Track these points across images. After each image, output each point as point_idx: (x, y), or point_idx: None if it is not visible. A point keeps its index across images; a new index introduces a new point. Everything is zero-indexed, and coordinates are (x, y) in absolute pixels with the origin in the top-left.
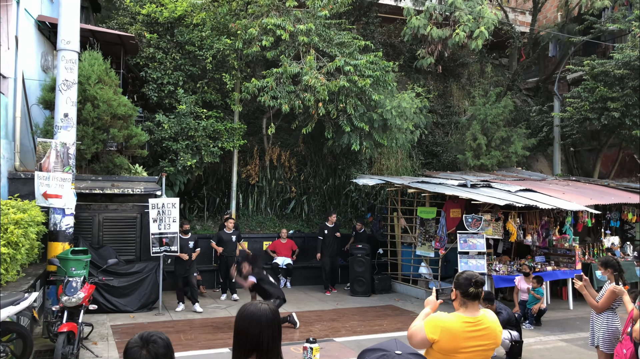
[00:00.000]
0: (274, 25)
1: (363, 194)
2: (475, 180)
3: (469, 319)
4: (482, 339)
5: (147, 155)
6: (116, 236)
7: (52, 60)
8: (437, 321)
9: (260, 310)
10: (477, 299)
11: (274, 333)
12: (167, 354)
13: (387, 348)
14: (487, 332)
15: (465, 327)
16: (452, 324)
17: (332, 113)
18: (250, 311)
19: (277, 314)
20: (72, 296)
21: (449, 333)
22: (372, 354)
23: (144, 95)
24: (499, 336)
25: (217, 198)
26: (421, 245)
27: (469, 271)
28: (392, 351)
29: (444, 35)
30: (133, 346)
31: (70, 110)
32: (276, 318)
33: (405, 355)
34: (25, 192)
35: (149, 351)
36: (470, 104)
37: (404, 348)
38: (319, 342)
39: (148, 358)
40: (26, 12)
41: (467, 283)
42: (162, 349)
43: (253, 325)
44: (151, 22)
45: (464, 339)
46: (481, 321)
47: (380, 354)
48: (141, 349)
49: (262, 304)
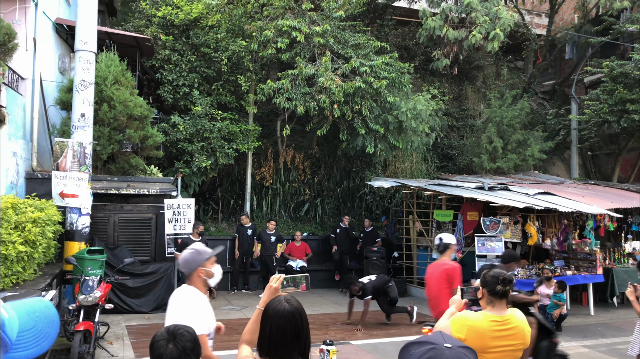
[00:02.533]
0: (290, 27)
1: (377, 197)
2: (493, 182)
3: (496, 318)
4: (510, 339)
5: (163, 157)
6: (131, 237)
7: (69, 62)
8: (464, 319)
9: (275, 307)
10: (505, 297)
11: (285, 334)
12: (194, 349)
13: (435, 341)
14: (516, 332)
15: (493, 326)
16: (479, 323)
17: (347, 115)
18: (272, 308)
19: (296, 314)
20: (88, 295)
21: (476, 332)
22: (418, 347)
23: (160, 97)
24: (528, 336)
25: (232, 200)
26: None
27: (496, 269)
28: (441, 345)
29: (460, 36)
30: (159, 340)
31: (87, 110)
32: (293, 317)
33: (455, 348)
34: (43, 192)
35: (175, 345)
36: (485, 107)
37: (452, 341)
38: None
39: (174, 352)
40: (44, 14)
41: (495, 281)
42: (189, 344)
43: (268, 322)
44: (167, 25)
45: (491, 338)
46: (509, 320)
47: (429, 347)
48: (167, 343)
49: (284, 302)
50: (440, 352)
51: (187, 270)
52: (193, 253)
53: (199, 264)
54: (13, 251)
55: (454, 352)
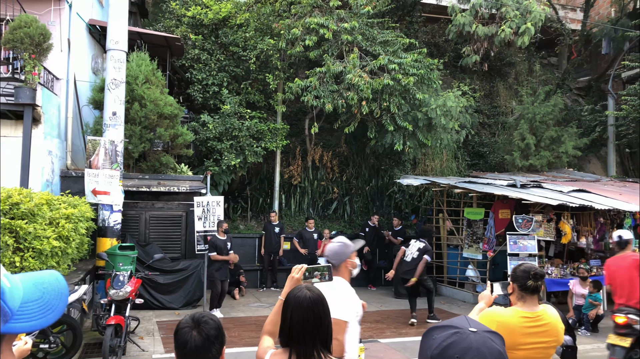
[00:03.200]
0: (317, 25)
1: (407, 195)
2: (525, 180)
3: (527, 314)
4: (542, 335)
5: (193, 155)
6: (162, 234)
7: (101, 62)
8: (493, 315)
9: (297, 295)
10: (537, 292)
11: (308, 321)
12: (218, 336)
13: (459, 324)
14: (548, 328)
15: (524, 322)
16: (509, 319)
17: (375, 113)
18: (292, 295)
19: (318, 302)
20: (119, 289)
21: (506, 328)
22: (442, 331)
23: (190, 96)
24: (561, 334)
25: (260, 198)
26: (468, 247)
27: (527, 263)
28: (466, 328)
29: (490, 32)
30: (184, 327)
31: (118, 109)
32: (315, 305)
33: (480, 333)
34: (76, 190)
35: (199, 332)
36: (517, 104)
37: (476, 325)
38: (363, 342)
39: (199, 339)
40: (78, 16)
41: (526, 276)
42: (213, 331)
43: (290, 309)
44: (196, 24)
45: (522, 335)
46: (541, 316)
47: (453, 331)
48: (192, 330)
49: (305, 290)
50: (465, 336)
51: (336, 261)
52: (342, 246)
53: (347, 256)
54: (47, 246)
55: (479, 336)
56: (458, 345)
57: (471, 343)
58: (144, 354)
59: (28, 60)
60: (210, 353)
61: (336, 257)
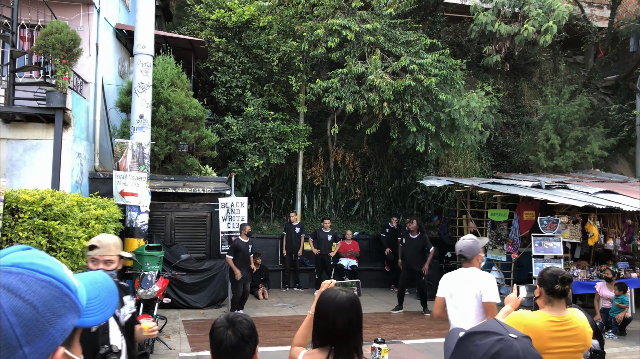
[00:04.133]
0: (340, 26)
1: (430, 196)
2: (550, 181)
3: (554, 318)
4: (570, 340)
5: (217, 157)
6: (187, 235)
7: (127, 66)
8: (520, 318)
9: (337, 297)
10: (564, 297)
11: (350, 322)
12: (251, 336)
13: (498, 330)
14: (576, 333)
15: (551, 326)
16: (536, 322)
17: (397, 113)
18: (327, 297)
19: (356, 303)
20: (147, 289)
21: (533, 332)
22: (484, 337)
23: (214, 98)
24: (589, 338)
25: (283, 199)
26: (492, 248)
27: (554, 267)
28: (507, 335)
29: (512, 31)
30: (219, 326)
31: (145, 112)
32: (354, 306)
33: (521, 339)
34: (104, 191)
35: (234, 332)
36: (542, 103)
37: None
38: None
39: (233, 338)
40: (105, 21)
41: (553, 280)
42: (247, 331)
43: (327, 311)
44: (220, 27)
45: (549, 339)
46: (569, 320)
47: (497, 338)
48: (227, 329)
49: (341, 291)
50: (510, 344)
51: (470, 255)
52: (474, 242)
53: (478, 250)
54: (78, 246)
55: (521, 343)
56: (506, 353)
57: (518, 351)
58: (171, 353)
59: (59, 65)
60: (245, 352)
61: (470, 252)
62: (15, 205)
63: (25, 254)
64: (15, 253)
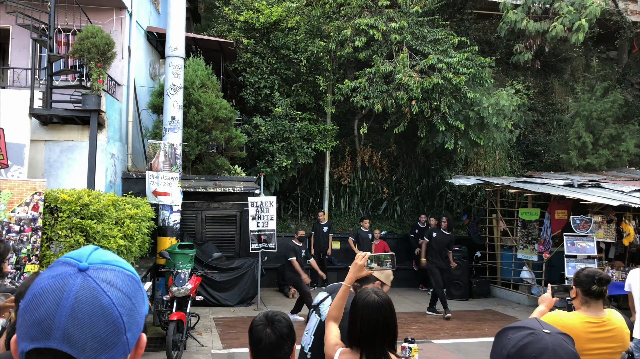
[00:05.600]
0: (367, 25)
1: (458, 195)
2: (583, 180)
3: (592, 319)
4: (608, 341)
5: (246, 157)
6: (217, 233)
7: (158, 68)
8: (556, 318)
9: (366, 298)
10: (601, 297)
11: (377, 324)
12: (290, 335)
13: (532, 326)
14: (614, 334)
15: (588, 328)
16: (572, 323)
17: (425, 112)
18: (359, 297)
19: (385, 305)
20: (180, 287)
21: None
22: (516, 332)
23: (242, 99)
24: (627, 339)
25: (310, 199)
26: (523, 248)
27: (590, 267)
28: (540, 330)
29: (542, 28)
30: (258, 324)
31: (177, 113)
32: (382, 309)
33: (554, 335)
34: (137, 191)
35: (273, 330)
36: (573, 101)
37: (549, 327)
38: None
39: (272, 336)
40: (137, 24)
41: (590, 281)
42: (286, 330)
43: (359, 313)
44: (248, 28)
45: (586, 340)
46: (607, 322)
47: (528, 332)
48: (266, 327)
49: (372, 294)
50: (540, 337)
51: None
52: None
53: None
54: (114, 245)
55: (553, 338)
56: (534, 345)
57: (547, 344)
58: (203, 350)
59: (94, 68)
60: (283, 350)
61: None
62: (54, 205)
63: (101, 253)
64: (95, 253)
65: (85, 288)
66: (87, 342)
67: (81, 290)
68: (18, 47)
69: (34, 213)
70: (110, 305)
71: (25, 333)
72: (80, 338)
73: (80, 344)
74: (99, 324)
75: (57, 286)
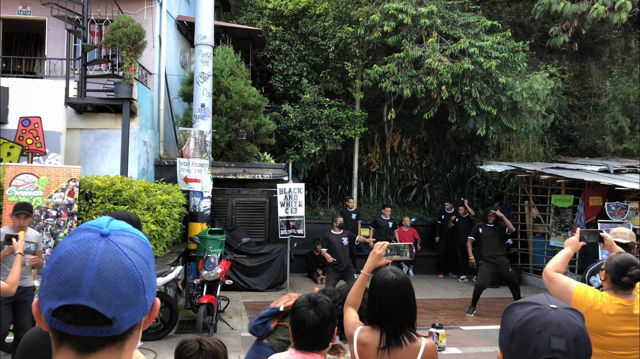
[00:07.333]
0: (396, 10)
1: (490, 182)
2: (620, 165)
3: (622, 301)
4: (636, 324)
5: (275, 144)
6: (247, 219)
7: (189, 56)
8: (588, 296)
9: (384, 277)
10: (630, 289)
11: (395, 302)
12: (332, 317)
13: (539, 301)
14: None
15: (618, 310)
16: (602, 305)
17: (455, 97)
18: (377, 276)
19: (404, 283)
20: (210, 271)
21: (598, 312)
22: (522, 307)
23: (271, 86)
24: None
25: (339, 185)
26: (556, 235)
27: (626, 255)
28: (546, 305)
29: (580, 10)
30: (301, 306)
31: (206, 101)
32: (401, 287)
33: (561, 309)
34: (169, 178)
35: (316, 312)
36: (611, 84)
37: (557, 302)
38: (445, 329)
39: (315, 317)
40: (168, 13)
41: (622, 272)
42: (328, 312)
43: (378, 292)
44: (277, 16)
45: (614, 322)
46: (637, 305)
47: (533, 307)
48: (309, 309)
49: (390, 272)
50: (546, 312)
51: None
52: None
53: None
54: (146, 230)
55: (559, 313)
56: (539, 320)
57: (552, 318)
58: (233, 332)
59: (126, 57)
60: (326, 331)
61: None
62: (89, 191)
63: (118, 222)
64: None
65: (108, 250)
66: (113, 299)
67: (105, 252)
68: (54, 38)
69: (69, 199)
70: (132, 267)
71: (52, 292)
72: (106, 295)
73: (106, 301)
74: (122, 284)
75: (82, 249)
